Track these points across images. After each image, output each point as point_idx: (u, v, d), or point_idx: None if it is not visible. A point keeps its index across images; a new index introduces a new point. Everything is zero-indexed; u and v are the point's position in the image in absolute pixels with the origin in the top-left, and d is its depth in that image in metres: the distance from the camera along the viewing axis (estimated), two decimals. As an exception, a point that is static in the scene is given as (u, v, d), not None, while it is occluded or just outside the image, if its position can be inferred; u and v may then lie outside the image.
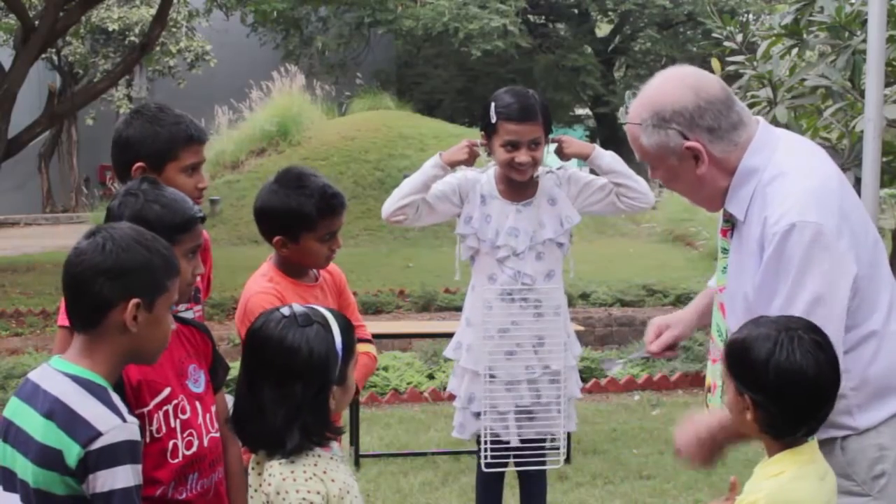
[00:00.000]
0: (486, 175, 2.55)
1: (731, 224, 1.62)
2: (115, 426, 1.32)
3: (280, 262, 2.01)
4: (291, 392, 1.42)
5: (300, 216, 1.92)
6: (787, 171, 1.53)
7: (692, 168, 1.55)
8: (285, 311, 1.48)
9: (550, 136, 2.51)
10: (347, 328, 1.50)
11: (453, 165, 2.50)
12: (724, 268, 1.64)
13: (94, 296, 1.36)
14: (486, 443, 2.47)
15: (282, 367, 1.44)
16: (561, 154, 2.55)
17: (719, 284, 1.66)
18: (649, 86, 1.60)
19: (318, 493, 1.40)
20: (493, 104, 2.46)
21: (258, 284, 1.96)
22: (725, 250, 1.64)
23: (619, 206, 2.55)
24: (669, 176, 1.60)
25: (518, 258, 2.50)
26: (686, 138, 1.54)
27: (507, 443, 2.50)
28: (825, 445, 1.50)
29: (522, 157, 2.43)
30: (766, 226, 1.50)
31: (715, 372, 1.66)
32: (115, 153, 1.89)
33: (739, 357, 1.41)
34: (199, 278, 1.83)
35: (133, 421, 1.36)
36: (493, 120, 2.44)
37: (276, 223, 1.95)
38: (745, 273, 1.55)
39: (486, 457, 2.47)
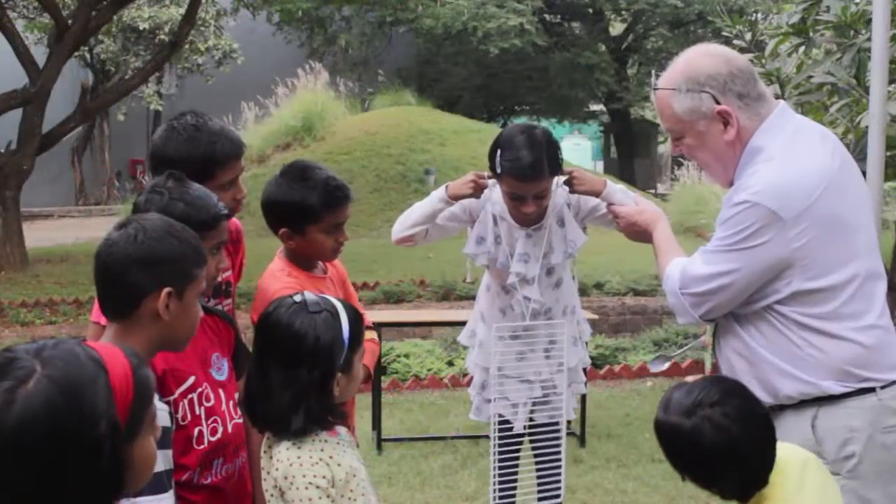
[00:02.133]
0: (495, 193, 2.46)
1: None
2: None
3: (290, 255, 1.99)
4: (297, 375, 1.44)
5: (304, 208, 1.91)
6: (777, 157, 1.60)
7: (720, 133, 1.62)
8: (297, 297, 1.50)
9: (563, 170, 2.40)
10: (356, 318, 1.51)
11: (458, 199, 2.42)
12: None
13: (127, 285, 1.37)
14: (495, 436, 2.45)
15: (289, 351, 1.45)
16: (572, 190, 2.42)
17: None
18: (681, 57, 1.68)
19: (325, 477, 1.42)
20: (499, 152, 2.33)
21: (279, 281, 1.93)
22: None
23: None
24: (696, 143, 1.65)
25: (529, 284, 2.45)
26: (718, 102, 1.61)
27: (513, 428, 2.50)
28: (799, 421, 1.57)
29: (527, 208, 2.36)
30: (736, 193, 1.61)
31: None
32: (152, 163, 1.85)
33: (666, 449, 1.44)
34: (229, 272, 1.90)
35: (162, 408, 1.38)
36: (499, 171, 2.33)
37: (281, 215, 1.94)
38: None
39: (495, 446, 2.47)
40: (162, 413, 1.37)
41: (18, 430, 0.88)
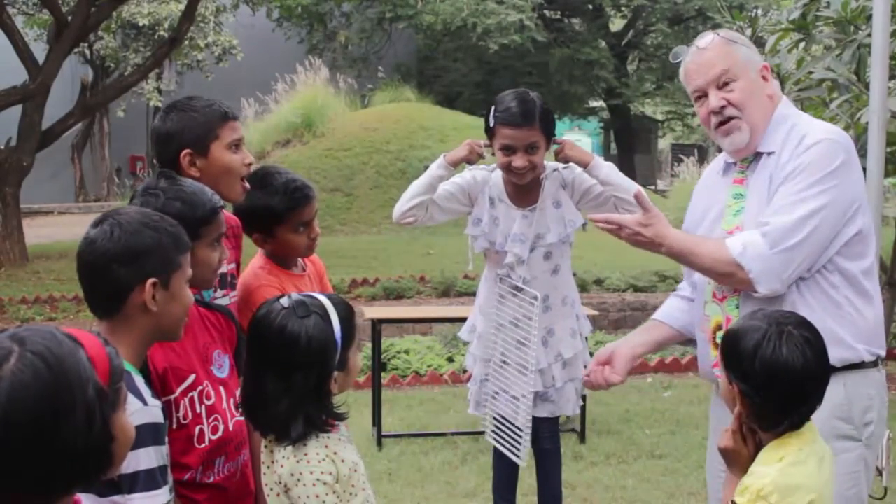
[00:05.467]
0: (494, 175, 2.55)
1: (744, 174, 1.78)
2: (136, 410, 1.30)
3: (269, 254, 2.06)
4: (293, 383, 1.44)
5: (267, 212, 1.98)
6: (814, 121, 1.77)
7: (763, 86, 1.76)
8: (284, 301, 1.49)
9: (554, 138, 2.48)
10: (347, 315, 1.50)
11: (456, 164, 2.51)
12: (737, 211, 1.76)
13: (111, 282, 1.37)
14: (496, 425, 2.49)
15: (282, 357, 1.45)
16: (561, 156, 2.49)
17: (728, 227, 1.76)
18: (717, 32, 1.82)
19: (330, 473, 1.43)
20: (492, 109, 2.45)
21: (259, 278, 2.00)
22: (740, 195, 1.77)
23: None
24: (748, 88, 1.75)
25: (524, 265, 2.51)
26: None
27: (514, 424, 2.52)
28: (833, 384, 1.52)
29: (519, 161, 2.41)
30: (804, 138, 1.69)
31: (726, 309, 1.74)
32: (158, 148, 1.90)
33: (731, 347, 1.43)
34: (233, 265, 1.93)
35: (155, 404, 1.37)
36: (492, 124, 2.44)
37: (250, 222, 2.00)
38: (776, 185, 1.70)
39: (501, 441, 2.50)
40: (155, 409, 1.37)
41: (10, 407, 0.88)
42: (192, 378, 1.60)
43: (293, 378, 1.44)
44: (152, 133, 1.94)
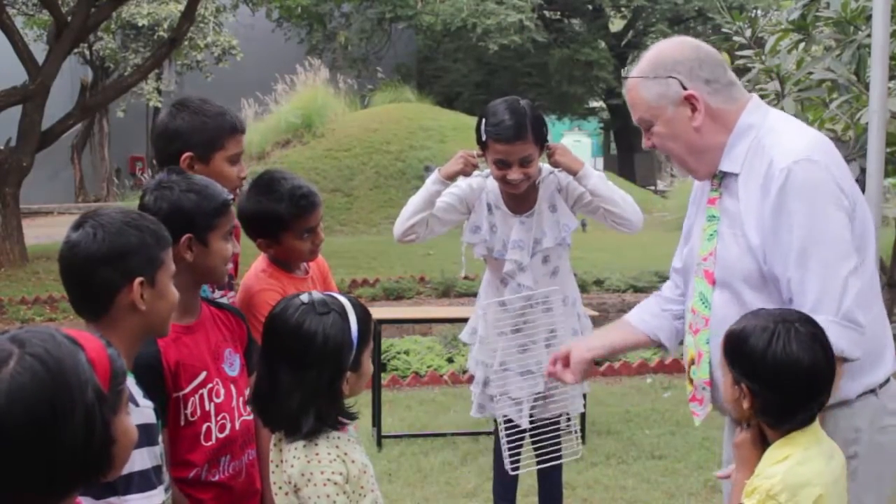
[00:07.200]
0: (489, 182, 2.54)
1: (718, 193, 1.66)
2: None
3: (273, 258, 2.06)
4: (307, 378, 1.45)
5: (273, 219, 1.97)
6: (783, 128, 1.60)
7: (687, 119, 1.60)
8: (304, 298, 1.50)
9: (546, 144, 2.46)
10: (364, 316, 1.51)
11: (452, 178, 2.50)
12: (711, 235, 1.65)
13: (98, 284, 1.36)
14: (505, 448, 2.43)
15: (298, 353, 1.45)
16: (552, 161, 2.49)
17: (703, 254, 1.67)
18: (651, 49, 1.68)
19: (341, 473, 1.44)
20: (483, 121, 2.44)
21: (260, 282, 2.00)
22: (714, 217, 1.66)
23: (605, 223, 2.54)
24: (666, 130, 1.62)
25: (523, 272, 2.51)
26: (685, 88, 1.59)
27: (518, 427, 2.52)
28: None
29: (513, 175, 2.41)
30: (771, 166, 1.54)
31: (699, 342, 1.65)
32: (160, 144, 1.91)
33: (738, 347, 1.43)
34: (231, 265, 1.89)
35: (147, 404, 1.36)
36: (483, 138, 2.43)
37: (255, 227, 2.01)
38: (749, 222, 1.57)
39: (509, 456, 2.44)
40: (147, 410, 1.36)
41: (8, 409, 0.88)
42: (203, 375, 1.60)
43: (307, 374, 1.45)
44: (156, 127, 1.94)
